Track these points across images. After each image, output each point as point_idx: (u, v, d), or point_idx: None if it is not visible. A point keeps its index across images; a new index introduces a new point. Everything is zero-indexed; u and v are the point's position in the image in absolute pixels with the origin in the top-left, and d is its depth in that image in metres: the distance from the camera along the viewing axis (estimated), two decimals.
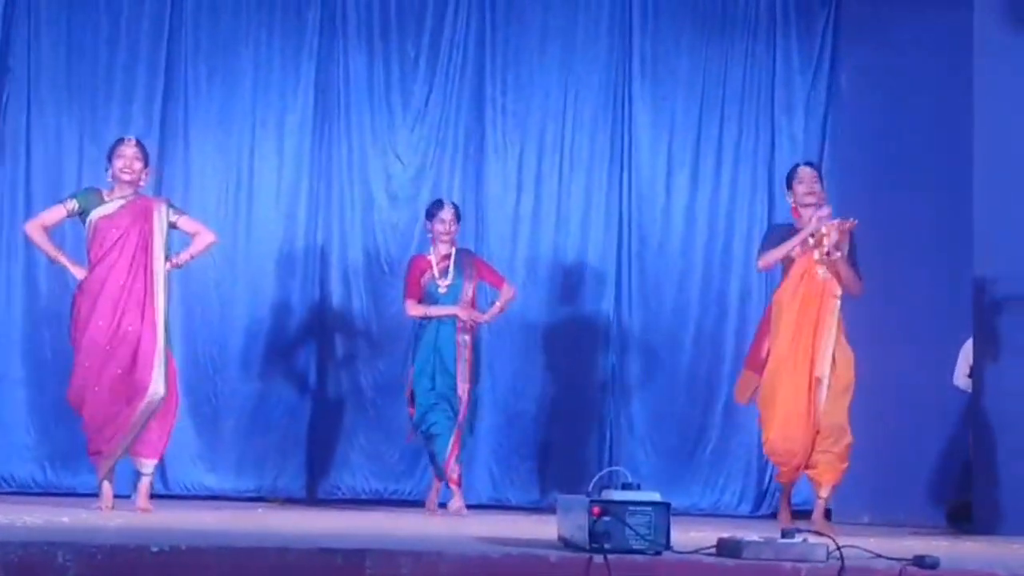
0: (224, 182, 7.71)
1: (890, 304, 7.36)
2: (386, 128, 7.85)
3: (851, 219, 6.14)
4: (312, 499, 7.48)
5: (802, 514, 6.71)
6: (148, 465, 5.89)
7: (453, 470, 6.63)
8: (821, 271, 6.13)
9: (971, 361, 6.69)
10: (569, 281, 7.89)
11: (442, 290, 6.75)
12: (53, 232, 6.11)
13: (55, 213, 5.99)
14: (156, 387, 5.72)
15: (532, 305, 7.75)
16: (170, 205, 6.03)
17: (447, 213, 6.80)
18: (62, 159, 7.56)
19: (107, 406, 5.75)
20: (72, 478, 7.31)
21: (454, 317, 6.69)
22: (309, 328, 7.68)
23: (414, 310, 6.79)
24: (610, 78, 8.00)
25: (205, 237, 6.06)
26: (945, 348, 7.26)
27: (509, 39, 7.97)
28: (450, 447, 6.61)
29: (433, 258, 6.81)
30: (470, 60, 7.92)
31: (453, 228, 6.81)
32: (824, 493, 6.18)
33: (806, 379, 6.08)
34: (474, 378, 6.76)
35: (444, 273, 6.78)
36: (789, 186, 6.35)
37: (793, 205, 6.32)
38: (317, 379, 7.65)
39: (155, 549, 3.31)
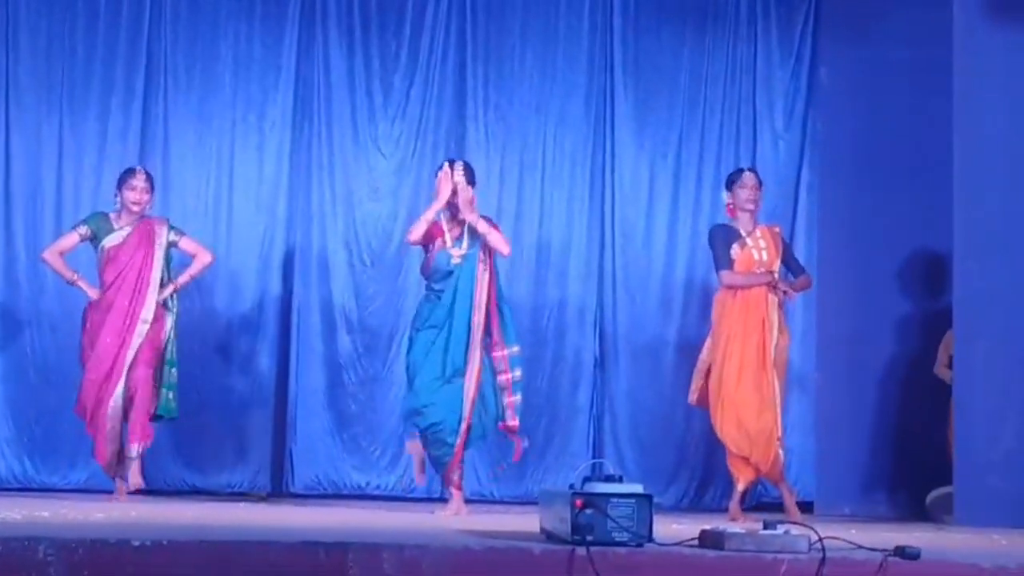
0: (204, 176, 7.68)
1: (870, 297, 7.39)
2: (367, 121, 7.83)
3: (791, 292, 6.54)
4: (294, 494, 7.46)
5: (780, 506, 6.75)
6: (131, 449, 6.36)
7: (454, 472, 6.01)
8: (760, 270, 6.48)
9: (951, 352, 6.72)
10: (552, 276, 7.88)
11: (456, 260, 6.01)
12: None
13: (69, 239, 6.52)
14: (118, 391, 6.27)
15: (515, 299, 7.71)
16: (171, 226, 6.54)
17: (459, 174, 6.07)
18: (41, 154, 7.53)
19: (104, 415, 6.28)
20: (51, 474, 7.30)
21: (471, 289, 5.96)
22: (290, 322, 7.65)
23: (415, 232, 6.01)
24: (592, 72, 8.00)
25: (203, 257, 6.63)
26: (925, 340, 7.29)
27: (490, 32, 7.95)
28: (455, 450, 5.93)
29: (444, 224, 6.09)
30: (451, 53, 7.91)
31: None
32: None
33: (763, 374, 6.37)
34: (485, 368, 6.04)
35: (458, 241, 6.07)
36: (729, 188, 6.59)
37: (730, 205, 6.57)
38: (298, 373, 7.62)
39: (136, 543, 3.30)
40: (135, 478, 6.34)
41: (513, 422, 6.12)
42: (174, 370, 6.52)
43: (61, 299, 7.31)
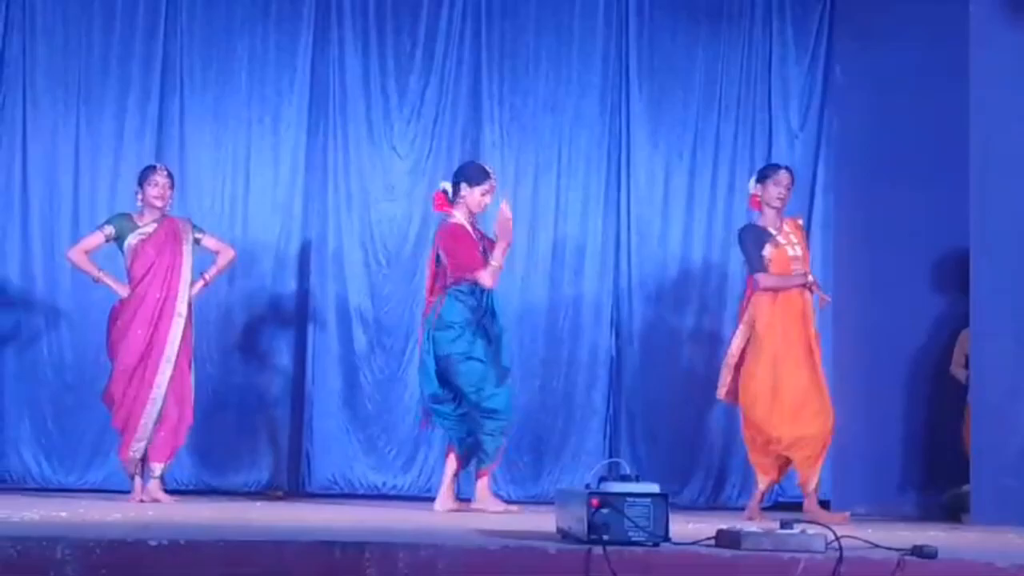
0: (220, 175, 7.69)
1: (885, 295, 7.37)
2: (382, 121, 7.84)
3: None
4: (310, 493, 7.47)
5: (797, 506, 6.73)
6: (155, 468, 6.40)
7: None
8: (796, 265, 6.47)
9: (967, 351, 6.70)
10: (567, 274, 7.87)
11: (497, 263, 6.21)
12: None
13: (93, 239, 6.54)
14: (159, 391, 6.32)
15: (530, 298, 7.74)
16: (193, 225, 6.63)
17: (495, 179, 6.34)
18: (58, 153, 7.55)
19: (138, 410, 6.33)
20: (68, 474, 7.33)
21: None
22: (306, 322, 7.66)
23: (495, 277, 6.15)
24: (607, 71, 7.99)
25: (227, 253, 6.71)
26: (941, 339, 7.27)
27: (505, 31, 7.95)
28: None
29: (472, 230, 6.27)
30: (466, 52, 7.91)
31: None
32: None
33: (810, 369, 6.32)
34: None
35: (491, 246, 6.24)
36: (761, 181, 6.51)
37: (755, 196, 6.52)
38: (314, 373, 7.63)
39: (154, 543, 3.31)
40: (157, 494, 6.36)
41: None
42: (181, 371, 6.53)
43: (78, 299, 7.34)
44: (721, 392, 6.59)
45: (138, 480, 6.43)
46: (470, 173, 6.35)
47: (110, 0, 7.63)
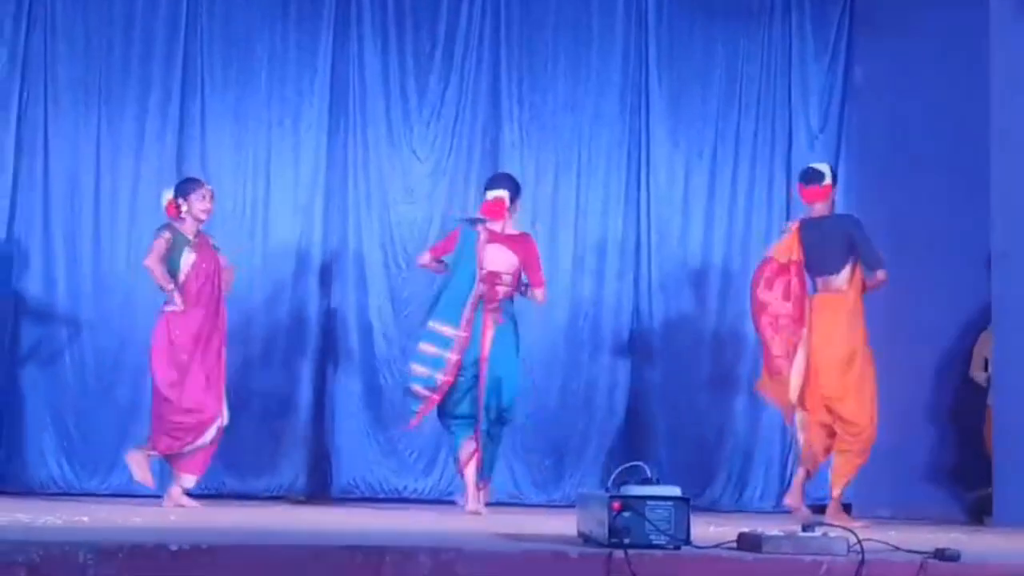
0: (241, 178, 7.68)
1: (906, 297, 7.33)
2: (402, 123, 7.84)
3: None
4: (331, 497, 7.47)
5: (817, 509, 6.70)
6: (187, 480, 6.45)
7: None
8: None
9: (987, 354, 6.66)
10: (588, 276, 7.87)
11: None
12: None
13: (160, 247, 6.47)
14: (222, 417, 6.43)
15: (551, 300, 7.70)
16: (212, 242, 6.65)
17: None
18: (79, 155, 7.55)
19: (192, 418, 6.35)
20: (90, 479, 7.33)
21: None
22: (326, 325, 7.66)
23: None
24: (626, 68, 7.98)
25: (232, 269, 6.70)
26: (962, 339, 7.24)
27: (524, 31, 7.95)
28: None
29: None
30: (486, 53, 7.91)
31: None
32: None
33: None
34: None
35: None
36: (834, 183, 6.48)
37: (831, 188, 6.39)
38: (335, 377, 7.63)
39: (175, 548, 3.32)
40: (181, 500, 6.37)
41: None
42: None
43: (99, 303, 7.36)
44: (794, 396, 6.45)
45: (147, 462, 6.44)
46: (519, 190, 6.55)
47: (131, 1, 7.65)
